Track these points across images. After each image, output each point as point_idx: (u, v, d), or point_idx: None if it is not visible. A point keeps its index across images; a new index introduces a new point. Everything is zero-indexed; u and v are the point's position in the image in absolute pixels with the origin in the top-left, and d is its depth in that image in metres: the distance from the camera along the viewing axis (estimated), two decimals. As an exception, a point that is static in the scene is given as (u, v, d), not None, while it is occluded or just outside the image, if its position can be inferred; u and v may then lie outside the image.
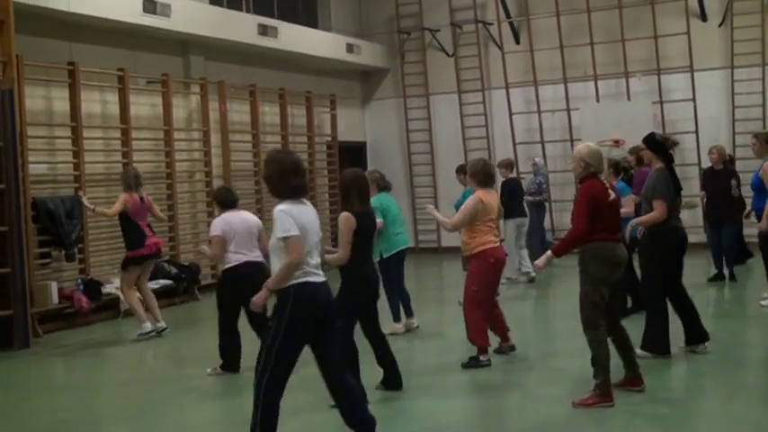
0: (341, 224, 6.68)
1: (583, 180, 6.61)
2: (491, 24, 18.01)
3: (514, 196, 13.02)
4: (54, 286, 11.05)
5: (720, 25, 16.65)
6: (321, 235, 5.50)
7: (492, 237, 7.96)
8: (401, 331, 9.57)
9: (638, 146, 9.96)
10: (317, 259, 5.40)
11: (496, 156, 16.54)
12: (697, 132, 16.29)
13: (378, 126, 19.28)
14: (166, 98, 13.35)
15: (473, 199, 7.94)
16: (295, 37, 15.85)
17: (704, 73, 16.53)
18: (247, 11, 15.54)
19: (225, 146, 14.59)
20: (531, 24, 17.59)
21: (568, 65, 17.24)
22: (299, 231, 5.21)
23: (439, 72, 18.51)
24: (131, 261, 10.19)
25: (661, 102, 16.73)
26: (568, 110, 17.27)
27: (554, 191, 17.03)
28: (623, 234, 7.04)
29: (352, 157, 17.98)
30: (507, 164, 13.45)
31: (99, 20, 12.01)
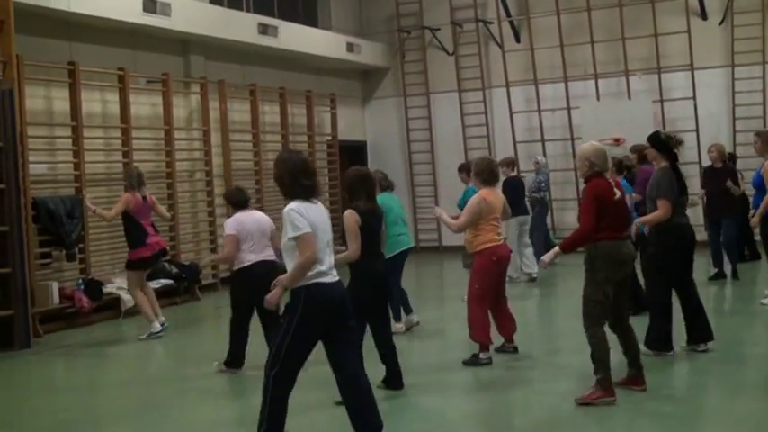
0: (346, 221, 6.68)
1: (588, 179, 6.61)
2: (491, 23, 18.00)
3: (516, 194, 12.99)
4: (55, 286, 11.03)
5: (721, 24, 16.63)
6: (332, 235, 5.48)
7: (495, 235, 8.00)
8: (402, 330, 9.56)
9: (639, 144, 9.98)
10: (330, 259, 5.38)
11: (497, 154, 16.52)
12: (697, 131, 16.27)
13: (378, 125, 19.27)
14: (167, 98, 13.34)
15: (476, 198, 7.96)
16: (295, 36, 15.84)
17: (704, 71, 16.51)
18: (247, 10, 15.52)
19: (225, 145, 14.58)
20: (532, 23, 17.58)
21: (569, 63, 17.23)
22: (311, 229, 5.20)
23: (439, 71, 18.49)
24: (138, 262, 10.19)
25: (661, 100, 16.72)
26: (569, 108, 17.26)
27: (555, 189, 16.98)
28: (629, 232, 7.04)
29: (352, 157, 17.93)
30: (509, 162, 13.49)
31: (99, 19, 12.00)
